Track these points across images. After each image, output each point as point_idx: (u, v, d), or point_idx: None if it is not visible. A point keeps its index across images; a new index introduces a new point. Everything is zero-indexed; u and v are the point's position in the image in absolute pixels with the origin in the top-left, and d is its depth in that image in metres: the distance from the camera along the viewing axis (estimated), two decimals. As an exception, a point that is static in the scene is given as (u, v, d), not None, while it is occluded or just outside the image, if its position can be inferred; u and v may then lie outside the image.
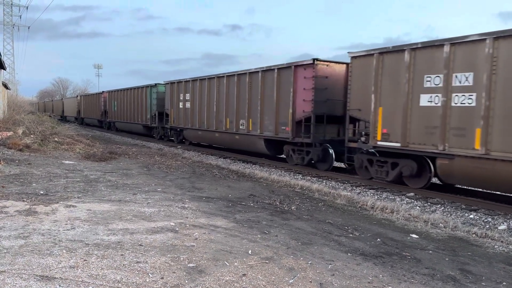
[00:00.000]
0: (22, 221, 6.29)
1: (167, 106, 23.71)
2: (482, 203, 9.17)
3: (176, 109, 22.52)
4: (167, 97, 23.70)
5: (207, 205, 8.14)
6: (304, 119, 13.57)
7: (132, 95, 29.67)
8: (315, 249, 5.68)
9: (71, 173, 11.21)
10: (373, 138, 11.05)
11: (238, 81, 16.93)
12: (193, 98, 20.65)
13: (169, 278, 4.41)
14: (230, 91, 17.47)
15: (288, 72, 14.18)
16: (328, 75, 13.43)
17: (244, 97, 16.53)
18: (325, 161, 13.71)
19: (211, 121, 19.04)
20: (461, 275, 5.04)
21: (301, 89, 13.64)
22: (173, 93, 22.81)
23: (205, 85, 19.49)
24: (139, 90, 28.44)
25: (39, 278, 4.23)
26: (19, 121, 22.38)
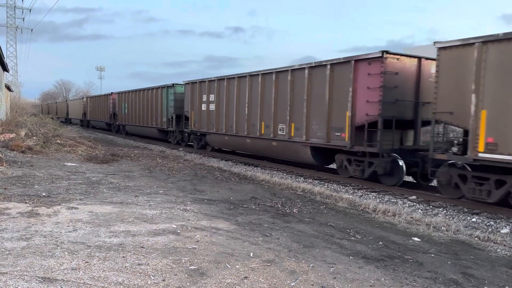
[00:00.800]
0: (24, 223, 6.30)
1: (187, 108, 21.39)
2: (485, 207, 9.14)
3: (197, 112, 20.23)
4: (187, 99, 21.34)
5: (208, 207, 8.14)
6: (368, 124, 11.33)
7: (145, 97, 27.47)
8: (317, 252, 5.68)
9: (73, 175, 11.23)
10: (473, 149, 8.83)
11: (277, 80, 14.79)
12: (219, 99, 18.44)
13: (170, 281, 4.41)
14: (267, 91, 15.37)
15: (345, 68, 11.97)
16: (398, 70, 11.19)
17: (284, 98, 14.39)
18: (392, 175, 11.36)
19: (241, 125, 16.91)
20: (463, 278, 5.02)
21: (364, 88, 11.43)
22: (194, 94, 20.54)
23: (234, 85, 17.24)
24: (153, 91, 26.10)
25: (41, 280, 4.23)
26: (21, 123, 22.45)
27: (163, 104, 24.59)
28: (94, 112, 41.34)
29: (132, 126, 30.29)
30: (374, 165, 11.50)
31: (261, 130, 15.69)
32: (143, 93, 27.98)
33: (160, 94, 25.05)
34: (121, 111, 32.74)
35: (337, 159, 12.92)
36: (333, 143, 12.49)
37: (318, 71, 13.01)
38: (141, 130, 28.91)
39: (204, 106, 19.78)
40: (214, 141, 19.64)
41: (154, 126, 26.14)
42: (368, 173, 11.77)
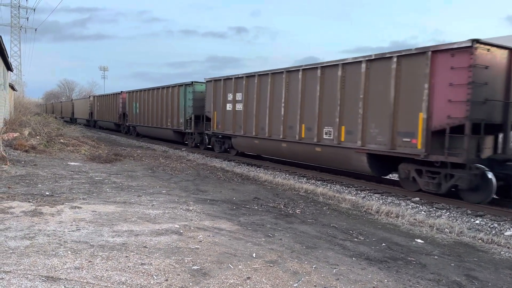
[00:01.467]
0: (28, 222, 6.32)
1: (208, 109, 19.62)
2: (488, 209, 9.11)
3: (221, 112, 18.41)
4: (209, 98, 19.54)
5: (211, 207, 8.14)
6: (450, 128, 9.41)
7: (159, 96, 25.63)
8: (320, 253, 5.67)
9: (76, 175, 11.26)
10: None
11: (323, 76, 12.87)
12: (248, 98, 16.70)
13: (173, 280, 4.41)
14: (309, 89, 13.49)
15: (418, 61, 10.09)
16: (488, 64, 9.34)
17: (332, 96, 12.48)
18: (477, 190, 9.38)
19: (275, 128, 15.11)
20: (466, 281, 5.00)
21: (445, 85, 9.55)
22: (218, 93, 18.74)
23: (268, 82, 15.46)
24: (169, 90, 24.25)
25: (44, 279, 4.24)
26: (25, 122, 22.55)
27: (181, 104, 22.73)
28: (102, 112, 39.54)
29: (144, 127, 28.53)
30: (456, 178, 9.54)
31: (301, 133, 13.81)
32: (157, 92, 26.16)
33: (177, 93, 23.18)
34: (131, 111, 30.90)
35: (402, 170, 10.87)
36: (399, 151, 10.51)
37: (379, 65, 11.18)
38: (154, 132, 27.06)
39: (229, 106, 17.90)
40: (241, 145, 17.63)
41: (169, 128, 24.36)
42: (446, 188, 9.83)
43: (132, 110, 30.64)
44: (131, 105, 31.01)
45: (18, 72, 65.36)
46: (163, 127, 25.27)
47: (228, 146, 19.10)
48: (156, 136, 27.25)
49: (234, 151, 19.00)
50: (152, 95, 26.82)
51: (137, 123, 29.78)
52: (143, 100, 28.43)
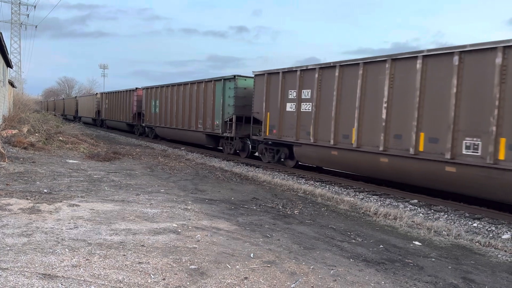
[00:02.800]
0: (26, 219, 6.32)
1: (257, 109, 15.95)
2: (486, 212, 9.12)
3: (278, 113, 14.74)
4: (259, 95, 15.87)
5: (209, 207, 8.14)
6: None
7: (187, 93, 21.78)
8: (317, 254, 5.67)
9: (75, 172, 11.25)
10: None
11: (461, 65, 9.19)
12: (321, 96, 13.00)
13: (170, 280, 4.41)
14: (435, 83, 9.78)
15: None
16: None
17: (482, 93, 8.85)
18: None
19: (368, 136, 11.44)
20: (463, 283, 5.01)
21: None
22: (272, 89, 15.14)
23: (355, 75, 11.81)
24: (201, 85, 20.45)
25: (41, 277, 4.24)
26: (24, 119, 22.52)
27: (217, 102, 19.01)
28: (112, 111, 35.56)
29: (166, 129, 24.57)
30: None
31: (418, 145, 10.10)
32: (184, 88, 22.26)
33: (213, 89, 19.36)
34: (149, 110, 26.98)
35: None
36: None
37: None
38: (179, 135, 23.24)
39: (291, 106, 14.26)
40: (308, 156, 13.82)
41: (200, 130, 20.37)
42: None
43: (150, 109, 26.82)
44: (149, 103, 27.10)
45: (17, 69, 65.37)
46: (191, 129, 21.34)
47: (285, 156, 15.23)
48: (182, 140, 23.47)
49: (292, 162, 15.20)
50: (177, 92, 22.92)
51: (156, 124, 25.83)
52: (165, 97, 24.47)
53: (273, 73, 15.21)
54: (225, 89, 18.42)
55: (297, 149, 14.17)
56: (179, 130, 22.93)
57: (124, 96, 32.26)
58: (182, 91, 22.42)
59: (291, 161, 15.24)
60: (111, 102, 35.84)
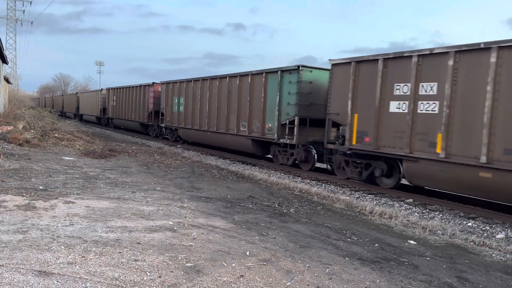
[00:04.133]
0: (21, 216, 6.29)
1: (336, 108, 12.27)
2: (481, 211, 9.18)
3: (371, 115, 11.11)
4: (338, 91, 12.23)
5: (205, 205, 8.14)
6: None
7: (225, 89, 17.88)
8: (313, 253, 5.69)
9: (70, 169, 11.22)
10: None
11: None
12: (459, 91, 9.27)
13: (166, 277, 4.41)
14: None
15: None
16: None
17: None
18: None
19: None
20: (458, 282, 5.04)
21: None
22: (362, 82, 11.45)
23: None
24: (246, 79, 16.44)
25: (37, 273, 4.23)
26: (19, 116, 22.41)
27: (269, 101, 15.19)
28: (121, 109, 31.90)
29: (194, 132, 20.80)
30: None
31: None
32: (220, 83, 18.41)
33: (263, 84, 15.43)
34: (170, 108, 23.12)
35: None
36: None
37: None
38: (212, 139, 19.30)
39: (399, 105, 10.53)
40: (434, 177, 9.82)
41: (244, 135, 16.54)
42: None
43: (172, 107, 23.02)
44: (170, 101, 23.26)
45: (13, 65, 64.98)
46: (230, 132, 17.55)
47: (381, 173, 11.38)
48: (216, 145, 19.65)
49: (390, 182, 11.39)
50: (211, 87, 19.13)
51: (180, 125, 22.06)
52: (193, 93, 20.71)
53: (367, 61, 11.39)
54: (283, 83, 14.54)
55: (410, 165, 10.24)
56: (212, 134, 18.96)
57: (137, 92, 28.53)
58: (218, 87, 18.51)
59: (389, 180, 11.41)
60: (120, 98, 32.13)
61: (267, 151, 16.34)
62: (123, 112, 31.49)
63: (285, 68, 14.55)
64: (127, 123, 31.14)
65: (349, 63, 11.87)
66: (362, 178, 11.94)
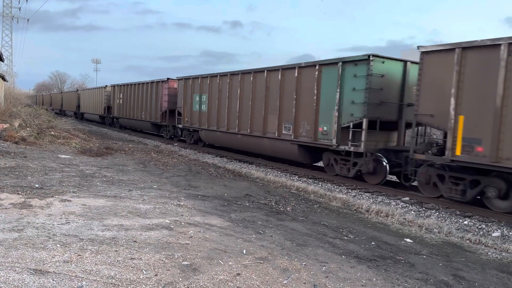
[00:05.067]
0: (17, 214, 6.26)
1: (430, 108, 9.84)
2: (477, 210, 9.21)
3: (490, 116, 8.66)
4: (432, 86, 9.81)
5: (202, 203, 8.13)
6: None
7: (262, 85, 15.37)
8: (310, 251, 5.69)
9: (66, 168, 11.17)
10: None
11: None
12: None
13: (163, 276, 4.40)
14: None
15: None
16: None
17: None
18: None
19: None
20: (454, 280, 5.06)
21: None
22: (476, 73, 8.93)
23: None
24: (292, 72, 13.89)
25: (32, 272, 4.21)
26: (15, 114, 22.29)
27: (324, 98, 12.65)
28: (128, 107, 29.43)
29: (220, 134, 18.33)
30: None
31: None
32: (255, 78, 15.83)
33: (316, 78, 12.86)
34: (190, 107, 20.74)
35: None
36: None
37: None
38: (245, 143, 16.75)
39: None
40: None
41: (288, 139, 14.00)
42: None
43: (191, 105, 20.53)
44: (189, 99, 20.79)
45: (9, 62, 64.66)
46: (268, 136, 15.04)
47: (499, 194, 8.87)
48: (248, 150, 17.16)
49: (508, 203, 8.84)
50: (242, 83, 16.65)
51: (202, 126, 19.67)
52: (218, 90, 18.33)
53: (480, 47, 8.89)
54: (345, 77, 11.97)
55: None
56: (244, 137, 16.53)
57: (148, 89, 25.94)
58: (252, 82, 15.94)
59: (505, 203, 8.90)
60: (127, 96, 29.53)
61: (318, 158, 13.91)
62: (131, 111, 29.02)
63: (348, 58, 11.98)
64: (136, 123, 28.60)
65: (451, 50, 9.36)
66: (466, 199, 9.38)
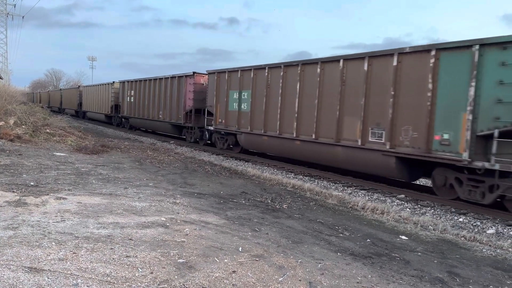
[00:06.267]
0: (12, 212, 6.24)
1: None
2: (472, 207, 9.25)
3: None
4: None
5: (198, 201, 8.13)
6: None
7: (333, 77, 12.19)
8: (305, 248, 5.70)
9: (62, 165, 11.13)
10: None
11: None
12: None
13: (158, 273, 4.40)
14: None
15: None
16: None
17: None
18: None
19: None
20: (449, 277, 5.08)
21: None
22: None
23: None
24: (389, 60, 10.48)
25: (27, 270, 4.20)
26: (10, 111, 22.16)
27: (446, 95, 9.20)
28: (141, 106, 26.28)
29: (267, 139, 14.76)
30: None
31: None
32: (321, 69, 12.55)
33: (432, 67, 9.38)
34: (224, 107, 17.25)
35: None
36: None
37: None
38: (303, 150, 13.27)
39: None
40: None
41: (378, 149, 10.67)
42: None
43: (227, 104, 17.09)
44: (223, 96, 17.43)
45: (4, 59, 64.26)
46: (343, 143, 11.78)
47: None
48: (313, 160, 13.36)
49: None
50: (301, 77, 13.26)
51: (241, 129, 16.29)
52: (266, 86, 14.71)
53: None
54: (485, 66, 8.51)
55: None
56: (305, 144, 13.04)
57: (168, 86, 22.72)
58: (319, 75, 12.54)
59: None
60: (140, 93, 26.52)
61: (419, 174, 10.79)
62: (145, 111, 25.68)
63: (490, 40, 8.40)
64: (151, 124, 25.22)
65: None
66: None
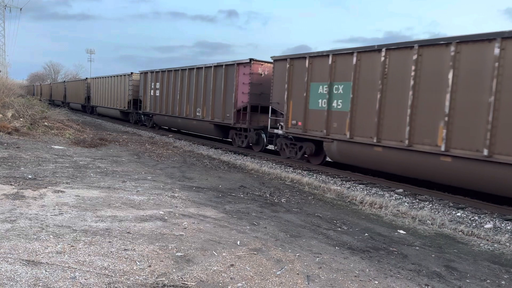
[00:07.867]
0: (9, 205, 6.22)
1: None
2: (470, 202, 9.27)
3: None
4: None
5: (197, 195, 8.12)
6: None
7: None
8: (303, 242, 5.71)
9: (60, 158, 11.10)
10: None
11: None
12: None
13: (156, 267, 4.39)
14: None
15: None
16: None
17: None
18: None
19: None
20: (446, 271, 5.10)
21: None
22: None
23: None
24: None
25: (25, 263, 4.19)
26: (8, 104, 22.07)
27: None
28: (170, 102, 21.94)
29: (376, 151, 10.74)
30: None
31: None
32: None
33: None
34: (304, 103, 13.08)
35: None
36: None
37: None
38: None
39: None
40: None
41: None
42: None
43: (306, 101, 13.03)
44: (300, 90, 13.23)
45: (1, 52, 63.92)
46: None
47: None
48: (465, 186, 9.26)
49: None
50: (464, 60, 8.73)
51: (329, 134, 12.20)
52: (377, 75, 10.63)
53: None
54: None
55: None
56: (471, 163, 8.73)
57: (211, 77, 18.29)
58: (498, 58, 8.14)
59: None
60: (168, 87, 22.18)
61: None
62: (176, 107, 21.36)
63: None
64: (185, 123, 20.80)
65: None
66: None
